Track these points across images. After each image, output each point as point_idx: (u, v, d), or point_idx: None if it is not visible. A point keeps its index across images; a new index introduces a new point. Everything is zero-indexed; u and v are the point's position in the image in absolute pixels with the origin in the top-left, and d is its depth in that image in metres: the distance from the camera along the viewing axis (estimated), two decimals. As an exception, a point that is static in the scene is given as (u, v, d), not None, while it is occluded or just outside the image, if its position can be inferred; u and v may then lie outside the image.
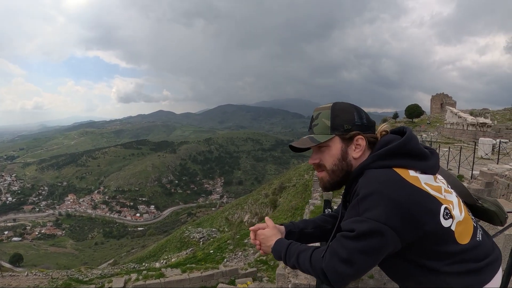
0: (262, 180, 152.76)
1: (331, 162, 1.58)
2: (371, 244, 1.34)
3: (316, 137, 1.57)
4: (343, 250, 1.37)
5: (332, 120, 1.56)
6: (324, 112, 1.59)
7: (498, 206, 1.83)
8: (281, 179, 51.66)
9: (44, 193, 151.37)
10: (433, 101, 67.94)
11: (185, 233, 35.96)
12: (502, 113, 45.92)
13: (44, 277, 15.50)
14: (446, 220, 1.41)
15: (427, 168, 1.50)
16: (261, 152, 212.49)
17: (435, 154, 1.59)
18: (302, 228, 1.87)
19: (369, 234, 1.33)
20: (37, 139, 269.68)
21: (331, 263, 1.40)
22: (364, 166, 1.50)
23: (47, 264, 66.44)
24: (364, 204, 1.36)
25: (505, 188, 10.61)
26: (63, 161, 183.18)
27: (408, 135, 1.52)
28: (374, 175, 1.43)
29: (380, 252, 1.37)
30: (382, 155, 1.48)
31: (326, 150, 1.59)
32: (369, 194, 1.36)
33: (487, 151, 19.43)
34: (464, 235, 1.48)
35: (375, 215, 1.32)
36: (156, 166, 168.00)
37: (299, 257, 1.54)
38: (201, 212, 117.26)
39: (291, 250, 1.60)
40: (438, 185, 1.49)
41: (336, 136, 1.55)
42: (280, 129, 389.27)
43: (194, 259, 19.35)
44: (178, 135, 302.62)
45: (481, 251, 1.51)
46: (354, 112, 1.57)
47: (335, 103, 1.61)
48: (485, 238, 1.58)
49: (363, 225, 1.33)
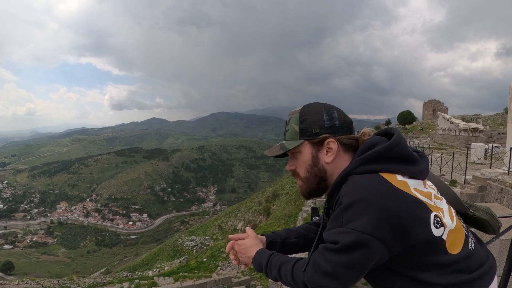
0: (255, 187, 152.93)
1: (303, 169, 1.49)
2: (356, 257, 1.22)
3: (286, 143, 1.50)
4: (326, 264, 1.26)
5: (300, 125, 1.46)
6: (294, 116, 1.49)
7: (490, 215, 1.72)
8: (274, 187, 51.66)
9: (36, 200, 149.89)
10: (425, 107, 68.53)
11: (178, 241, 35.78)
12: (493, 118, 46.40)
13: (35, 285, 15.27)
14: (437, 229, 1.29)
15: (416, 173, 1.37)
16: (254, 159, 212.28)
17: (425, 158, 1.46)
18: (285, 238, 1.75)
19: (354, 247, 1.21)
20: (29, 146, 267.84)
21: (314, 278, 1.28)
22: (347, 172, 1.37)
23: (39, 272, 65.87)
24: (348, 213, 1.24)
25: (498, 193, 10.61)
26: (55, 168, 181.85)
27: (396, 138, 1.39)
28: (358, 181, 1.31)
29: (365, 265, 1.25)
30: (367, 160, 1.35)
31: (298, 156, 1.50)
32: (353, 202, 1.24)
33: (480, 156, 19.53)
34: (456, 244, 1.36)
35: (360, 225, 1.21)
36: (149, 174, 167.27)
37: (281, 270, 1.43)
38: (194, 220, 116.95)
39: (272, 262, 1.47)
40: (428, 191, 1.37)
41: (305, 141, 1.46)
42: (273, 137, 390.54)
43: (187, 268, 19.18)
44: (171, 143, 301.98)
45: (474, 261, 1.39)
46: (323, 114, 1.45)
47: (305, 106, 1.51)
48: (477, 246, 1.46)
49: (347, 236, 1.22)
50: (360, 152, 1.40)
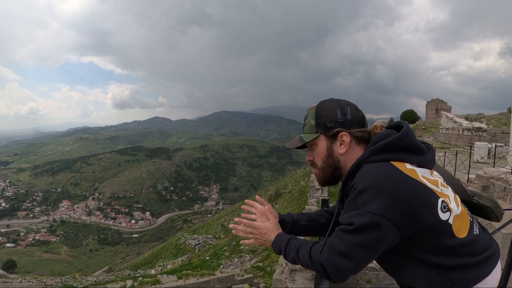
0: (258, 186, 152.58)
1: (320, 160, 1.66)
2: (370, 237, 1.35)
3: (304, 136, 1.66)
4: (342, 244, 1.38)
5: (316, 120, 1.63)
6: (311, 112, 1.66)
7: (493, 202, 1.85)
8: (277, 186, 51.63)
9: (38, 199, 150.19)
10: (428, 106, 68.17)
11: (181, 240, 35.77)
12: (497, 117, 46.05)
13: (38, 283, 15.32)
14: (444, 213, 1.42)
15: (423, 162, 1.53)
16: (257, 158, 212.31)
17: (432, 149, 1.63)
18: (296, 220, 1.88)
19: (368, 227, 1.34)
20: (32, 145, 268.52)
21: (329, 257, 1.41)
22: (361, 161, 1.52)
23: (41, 270, 65.99)
24: (362, 197, 1.38)
25: (501, 191, 10.59)
26: (58, 167, 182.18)
27: (405, 130, 1.55)
28: (371, 169, 1.45)
29: (379, 245, 1.38)
30: (379, 150, 1.50)
31: (315, 148, 1.66)
32: (367, 187, 1.38)
33: (483, 155, 19.48)
34: (462, 229, 1.48)
35: (373, 208, 1.33)
36: (151, 172, 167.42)
37: (299, 252, 1.56)
38: (196, 219, 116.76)
39: (291, 245, 1.61)
40: (435, 179, 1.52)
41: (321, 134, 1.62)
42: (276, 136, 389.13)
43: (190, 266, 19.20)
44: (173, 142, 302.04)
45: (478, 245, 1.51)
46: (337, 110, 1.61)
47: (321, 102, 1.67)
48: (482, 232, 1.59)
49: (361, 218, 1.35)
50: (372, 143, 1.55)
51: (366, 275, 8.27)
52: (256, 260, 17.62)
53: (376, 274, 8.28)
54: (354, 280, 8.31)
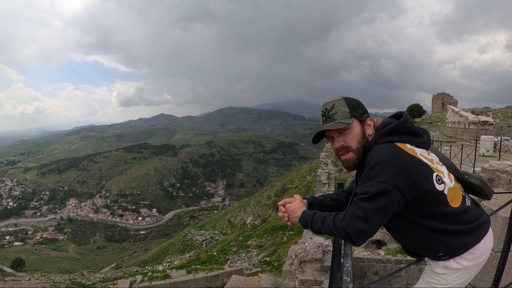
0: (264, 182, 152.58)
1: (355, 141, 1.94)
2: (381, 202, 1.68)
3: (342, 121, 1.92)
4: (359, 210, 1.71)
5: (349, 107, 1.93)
6: (339, 102, 1.95)
7: (482, 181, 2.24)
8: (283, 181, 51.78)
9: (45, 197, 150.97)
10: (434, 100, 67.83)
11: (188, 236, 35.87)
12: (503, 111, 45.70)
13: (46, 281, 15.46)
14: (439, 185, 1.81)
15: (420, 143, 1.91)
16: (263, 154, 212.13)
17: (427, 133, 2.01)
18: (321, 201, 2.24)
19: (380, 194, 1.68)
20: (38, 144, 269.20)
21: (350, 222, 1.72)
22: (372, 143, 1.91)
23: (49, 268, 66.29)
24: (373, 171, 1.74)
25: (506, 184, 10.65)
26: (64, 166, 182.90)
27: (405, 117, 1.95)
28: (380, 149, 1.83)
29: (389, 208, 1.71)
30: (386, 133, 1.89)
31: (349, 133, 1.95)
32: (378, 162, 1.74)
33: (489, 148, 19.48)
34: (455, 199, 1.87)
35: (383, 178, 1.69)
36: (157, 169, 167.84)
37: (324, 222, 1.87)
38: (203, 215, 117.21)
39: (315, 217, 1.93)
40: (431, 158, 1.91)
41: (355, 119, 1.94)
42: (282, 131, 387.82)
43: (198, 261, 19.37)
44: (179, 138, 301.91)
45: (470, 215, 1.90)
46: (359, 102, 1.99)
47: (344, 96, 2.00)
48: (473, 205, 1.98)
49: (374, 187, 1.69)
50: (379, 129, 1.95)
51: (373, 266, 8.38)
52: (263, 255, 17.78)
53: (383, 266, 8.38)
54: (362, 272, 8.43)
